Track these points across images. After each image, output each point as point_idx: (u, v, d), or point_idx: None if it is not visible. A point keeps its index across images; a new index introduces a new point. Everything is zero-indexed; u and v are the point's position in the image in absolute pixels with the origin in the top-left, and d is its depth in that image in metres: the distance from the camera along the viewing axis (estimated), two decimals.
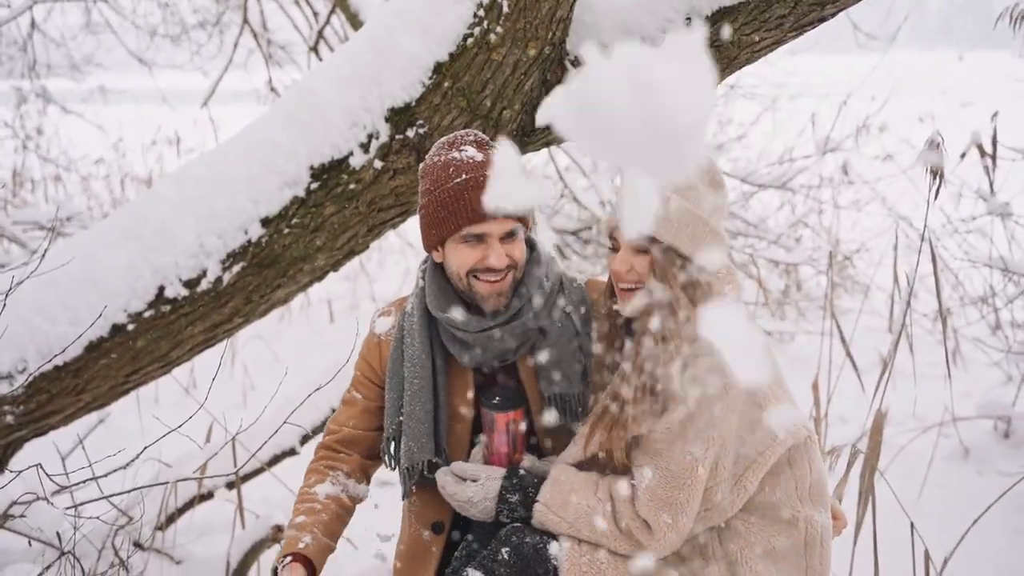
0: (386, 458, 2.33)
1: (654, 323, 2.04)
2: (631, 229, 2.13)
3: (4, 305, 2.28)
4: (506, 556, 2.01)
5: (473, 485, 2.12)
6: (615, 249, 2.14)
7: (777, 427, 2.04)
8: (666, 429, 2.00)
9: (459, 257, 2.17)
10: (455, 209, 2.11)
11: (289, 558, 2.18)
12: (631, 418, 2.02)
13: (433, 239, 2.20)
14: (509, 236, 2.15)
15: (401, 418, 2.26)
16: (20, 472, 2.20)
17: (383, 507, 3.73)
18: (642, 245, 2.08)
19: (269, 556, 3.76)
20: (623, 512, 2.01)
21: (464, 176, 2.11)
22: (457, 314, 2.19)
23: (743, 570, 2.03)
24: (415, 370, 2.24)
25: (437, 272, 2.27)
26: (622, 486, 2.04)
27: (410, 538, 2.34)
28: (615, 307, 2.16)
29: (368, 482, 2.43)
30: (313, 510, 2.27)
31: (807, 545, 2.08)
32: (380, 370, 2.38)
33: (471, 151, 2.15)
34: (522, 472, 2.13)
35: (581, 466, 2.15)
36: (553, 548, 2.01)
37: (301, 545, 2.19)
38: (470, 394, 2.26)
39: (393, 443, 2.30)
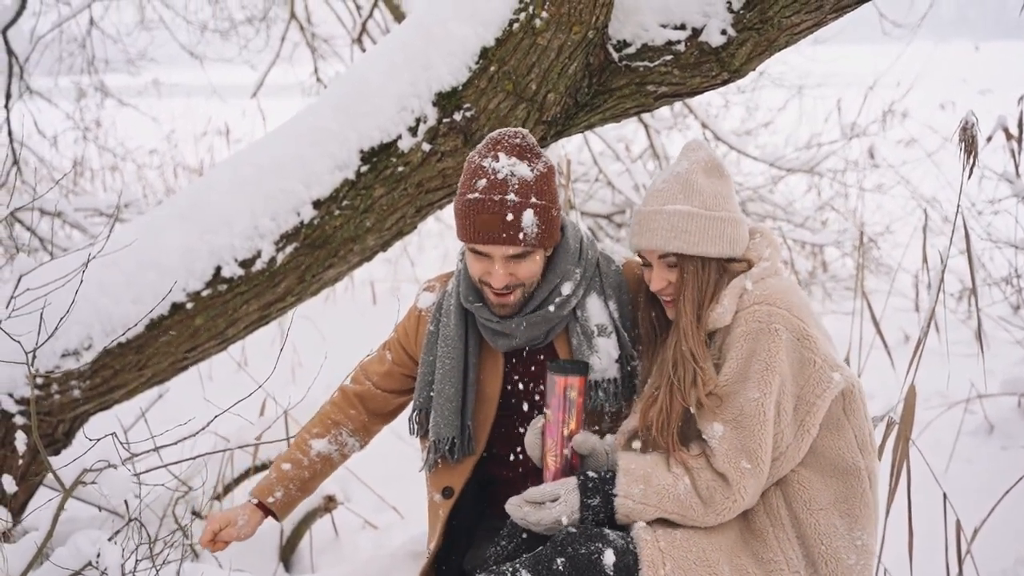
0: (412, 427, 2.34)
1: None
2: (649, 246, 2.12)
3: (81, 282, 2.31)
4: (560, 566, 1.93)
5: (555, 505, 2.03)
6: (647, 264, 2.13)
7: (830, 367, 2.01)
8: (725, 382, 1.99)
9: (470, 263, 2.17)
10: (463, 224, 2.10)
11: (256, 501, 2.33)
12: (685, 387, 2.01)
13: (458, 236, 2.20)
14: (516, 257, 2.11)
15: (432, 393, 2.27)
16: (98, 440, 2.23)
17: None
18: (670, 260, 2.06)
19: (321, 525, 3.75)
20: (701, 475, 1.98)
21: (477, 195, 2.07)
22: (480, 306, 2.20)
23: (808, 524, 2.01)
24: (448, 350, 2.24)
25: None
26: (690, 453, 2.02)
27: (428, 501, 2.36)
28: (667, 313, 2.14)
29: (369, 439, 2.48)
30: (299, 463, 2.37)
31: (863, 494, 2.05)
32: (414, 343, 2.38)
33: (503, 162, 2.09)
34: (591, 473, 2.05)
35: (634, 437, 2.11)
36: (608, 558, 1.94)
37: (271, 500, 2.33)
38: (499, 377, 2.26)
39: (420, 414, 2.31)
